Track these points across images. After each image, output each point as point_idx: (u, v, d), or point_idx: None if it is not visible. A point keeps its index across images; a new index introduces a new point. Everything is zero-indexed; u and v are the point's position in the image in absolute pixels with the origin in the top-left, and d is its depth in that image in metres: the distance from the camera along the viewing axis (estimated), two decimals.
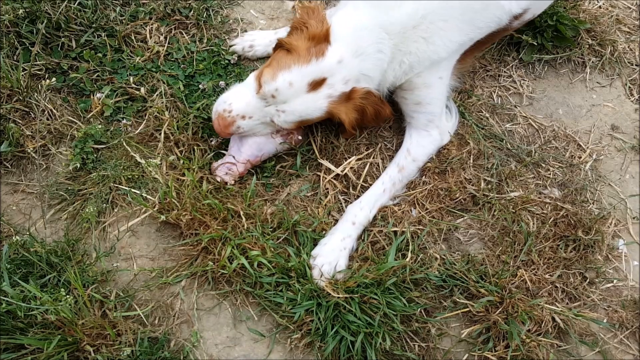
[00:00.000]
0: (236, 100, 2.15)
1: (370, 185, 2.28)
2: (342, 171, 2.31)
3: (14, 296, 1.85)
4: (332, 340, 1.96)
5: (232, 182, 2.24)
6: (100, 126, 2.28)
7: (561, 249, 2.23)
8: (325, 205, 2.26)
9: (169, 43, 2.56)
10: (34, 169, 2.27)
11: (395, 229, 2.21)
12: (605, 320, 2.14)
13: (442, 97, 2.32)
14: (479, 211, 2.30)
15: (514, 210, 2.28)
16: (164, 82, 2.44)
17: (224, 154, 2.28)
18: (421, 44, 2.11)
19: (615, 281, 2.22)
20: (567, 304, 2.15)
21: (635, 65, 2.74)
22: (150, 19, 2.60)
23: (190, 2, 2.66)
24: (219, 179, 2.23)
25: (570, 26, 2.65)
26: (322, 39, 2.04)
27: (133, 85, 2.43)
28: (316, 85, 2.04)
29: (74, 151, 2.25)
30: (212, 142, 2.33)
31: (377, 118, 2.20)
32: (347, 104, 2.09)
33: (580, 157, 2.47)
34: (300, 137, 2.31)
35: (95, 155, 2.28)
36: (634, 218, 2.36)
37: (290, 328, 2.02)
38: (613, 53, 2.74)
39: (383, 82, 2.19)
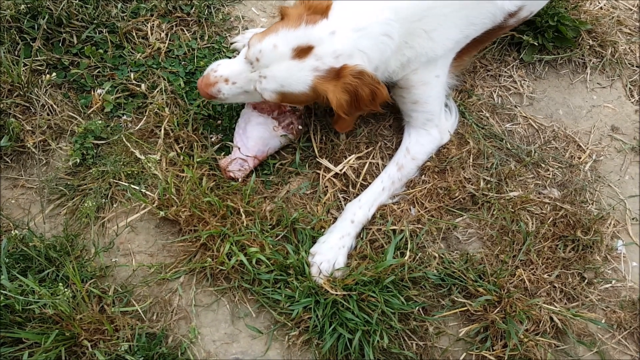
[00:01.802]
0: (226, 63, 2.10)
1: (370, 183, 2.28)
2: (340, 170, 2.31)
3: (12, 290, 1.86)
4: (330, 338, 1.96)
5: (242, 178, 2.24)
6: (100, 122, 2.29)
7: (560, 249, 2.23)
8: (325, 203, 2.26)
9: (170, 40, 2.56)
10: (33, 164, 2.27)
11: (394, 227, 2.21)
12: (603, 321, 2.14)
13: (440, 96, 2.32)
14: (478, 210, 2.30)
15: (513, 210, 2.28)
16: (164, 79, 2.44)
17: (228, 150, 2.29)
18: (423, 38, 2.06)
19: (613, 282, 2.22)
20: (566, 304, 2.15)
21: (636, 66, 2.74)
22: (152, 15, 2.61)
23: None
24: (232, 175, 2.23)
25: (571, 27, 2.65)
26: (319, 12, 1.93)
27: (134, 82, 2.43)
28: (301, 52, 1.92)
29: (74, 147, 2.26)
30: (212, 139, 2.33)
31: (374, 100, 2.00)
32: (337, 82, 1.93)
33: (579, 158, 2.47)
34: (300, 127, 2.31)
35: (95, 151, 2.28)
36: (633, 219, 2.36)
37: (288, 325, 2.02)
38: (614, 54, 2.74)
39: (382, 71, 2.08)
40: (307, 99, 2.04)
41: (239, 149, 2.23)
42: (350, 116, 2.07)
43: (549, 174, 2.41)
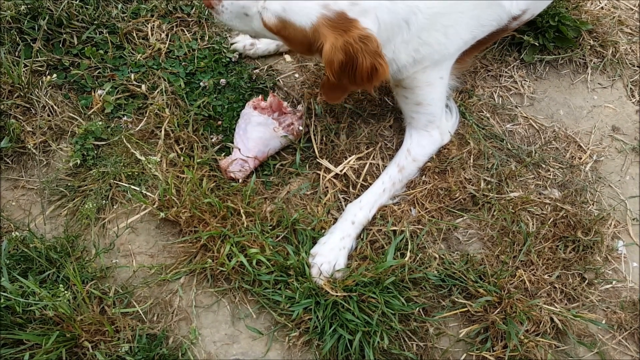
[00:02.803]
0: None
1: (370, 184, 2.28)
2: (341, 171, 2.31)
3: (13, 292, 1.86)
4: (330, 339, 1.96)
5: (243, 179, 2.24)
6: (100, 123, 2.29)
7: (560, 249, 2.23)
8: (325, 204, 2.26)
9: (170, 40, 2.56)
10: (34, 165, 2.27)
11: (395, 228, 2.21)
12: (603, 322, 2.13)
13: (443, 97, 2.31)
14: (479, 211, 2.30)
15: (513, 211, 2.28)
16: (165, 80, 2.45)
17: (228, 151, 2.29)
18: (440, 35, 2.03)
19: (614, 282, 2.22)
20: (566, 304, 2.15)
21: (637, 66, 2.74)
22: (152, 16, 2.61)
23: None
24: (233, 175, 2.23)
25: (572, 27, 2.65)
26: None
27: (134, 82, 2.43)
28: None
29: (75, 147, 2.26)
30: (213, 140, 2.33)
31: (371, 77, 1.82)
32: (340, 36, 1.75)
33: (580, 158, 2.47)
34: (301, 128, 2.31)
35: (95, 152, 2.28)
36: (633, 219, 2.35)
37: (289, 326, 2.02)
38: (615, 54, 2.73)
39: (390, 59, 1.97)
40: (303, 41, 1.86)
41: (240, 149, 2.23)
42: (338, 82, 1.88)
43: (550, 175, 2.41)
